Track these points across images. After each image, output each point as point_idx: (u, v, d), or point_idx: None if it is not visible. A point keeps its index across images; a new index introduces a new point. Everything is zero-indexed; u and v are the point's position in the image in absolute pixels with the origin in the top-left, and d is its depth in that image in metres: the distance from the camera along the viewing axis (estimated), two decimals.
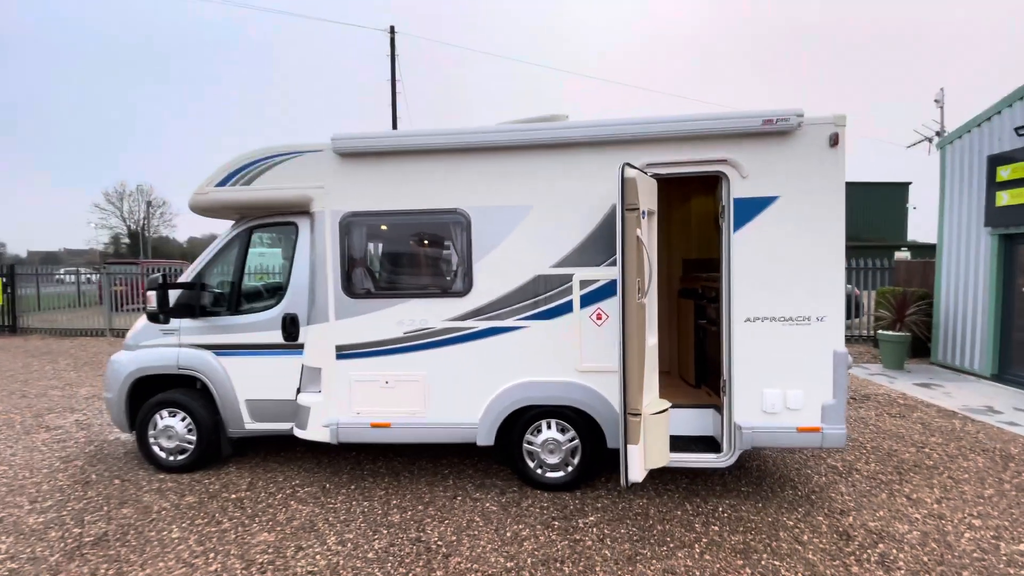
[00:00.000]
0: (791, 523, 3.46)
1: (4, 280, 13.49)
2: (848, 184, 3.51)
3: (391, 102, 17.34)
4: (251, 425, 4.26)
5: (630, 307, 3.25)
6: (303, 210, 4.09)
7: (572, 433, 3.87)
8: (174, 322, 4.26)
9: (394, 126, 17.45)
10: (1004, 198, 7.26)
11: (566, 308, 3.76)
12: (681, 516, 3.57)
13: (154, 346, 4.35)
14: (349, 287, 3.94)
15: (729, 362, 3.62)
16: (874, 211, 32.96)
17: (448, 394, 3.88)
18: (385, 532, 3.41)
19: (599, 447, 3.85)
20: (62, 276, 15.71)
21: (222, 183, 4.02)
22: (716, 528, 3.41)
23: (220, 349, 4.24)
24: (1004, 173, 7.26)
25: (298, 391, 4.11)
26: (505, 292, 3.81)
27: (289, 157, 3.93)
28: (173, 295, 4.20)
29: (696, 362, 4.85)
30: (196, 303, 4.25)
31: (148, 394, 4.41)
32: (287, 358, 4.14)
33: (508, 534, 3.35)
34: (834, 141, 3.46)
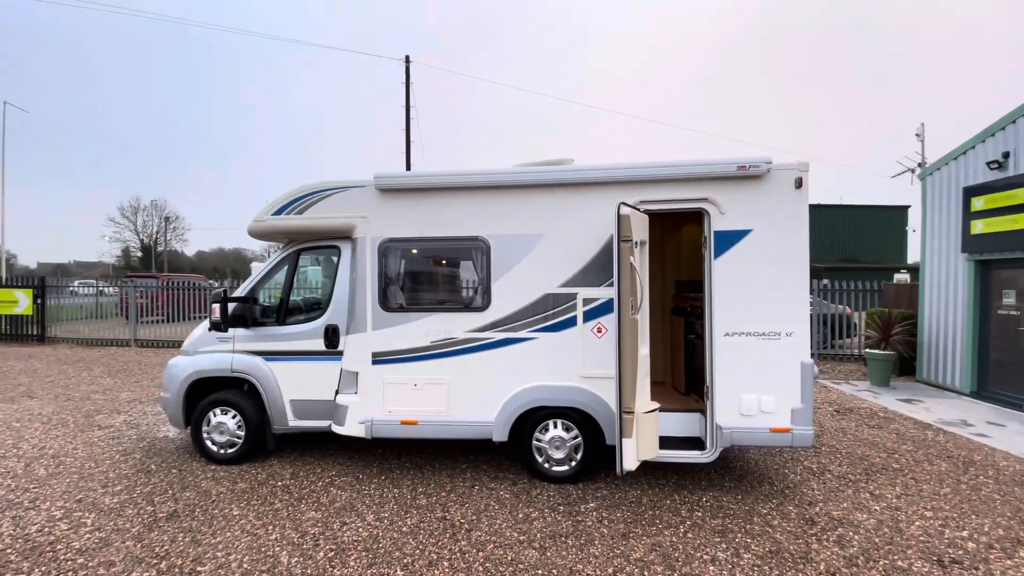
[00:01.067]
0: (765, 511, 4.00)
1: (35, 291, 14.28)
2: (849, 207, 4.13)
3: (405, 127, 18.25)
4: (294, 422, 4.85)
5: (625, 322, 3.86)
6: (346, 236, 4.75)
7: (576, 432, 4.44)
8: (229, 331, 4.89)
9: (407, 149, 18.33)
10: (978, 226, 7.85)
11: (571, 322, 4.36)
12: (670, 504, 4.12)
13: (211, 352, 4.97)
14: (385, 302, 4.57)
15: (711, 371, 4.20)
16: (875, 234, 33.45)
17: (468, 396, 4.47)
18: (415, 512, 3.98)
19: (599, 444, 4.41)
20: (88, 288, 16.45)
21: (278, 212, 4.69)
22: (699, 514, 3.96)
23: (269, 355, 4.86)
24: (978, 203, 7.87)
25: (337, 392, 4.71)
26: (518, 308, 4.43)
27: (337, 191, 4.61)
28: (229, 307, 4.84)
29: (686, 372, 5.42)
30: (249, 314, 4.88)
31: (200, 395, 5.03)
32: (328, 363, 4.75)
33: (520, 515, 3.91)
34: (798, 184, 4.09)
